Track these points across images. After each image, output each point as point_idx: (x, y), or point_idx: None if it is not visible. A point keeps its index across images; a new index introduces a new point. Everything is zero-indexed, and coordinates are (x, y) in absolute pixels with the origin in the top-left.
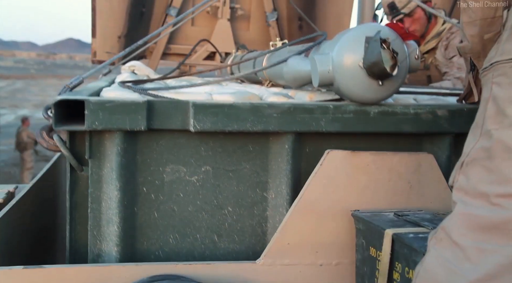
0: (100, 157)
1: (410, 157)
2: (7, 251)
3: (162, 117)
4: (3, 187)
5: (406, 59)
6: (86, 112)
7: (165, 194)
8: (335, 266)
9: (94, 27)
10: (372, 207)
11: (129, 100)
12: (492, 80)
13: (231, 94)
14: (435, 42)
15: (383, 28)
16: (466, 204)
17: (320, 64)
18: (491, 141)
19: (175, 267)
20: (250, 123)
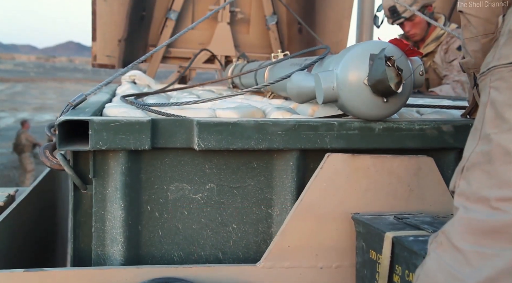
0: (104, 176)
1: (410, 160)
2: (7, 254)
3: (166, 135)
4: (3, 190)
5: (411, 76)
6: (90, 132)
7: (169, 212)
8: (335, 269)
9: (94, 31)
10: (372, 210)
11: (133, 120)
12: (490, 85)
13: (234, 109)
14: (434, 45)
15: (387, 45)
16: (467, 209)
17: (325, 81)
18: (490, 145)
19: (175, 270)
20: (254, 141)
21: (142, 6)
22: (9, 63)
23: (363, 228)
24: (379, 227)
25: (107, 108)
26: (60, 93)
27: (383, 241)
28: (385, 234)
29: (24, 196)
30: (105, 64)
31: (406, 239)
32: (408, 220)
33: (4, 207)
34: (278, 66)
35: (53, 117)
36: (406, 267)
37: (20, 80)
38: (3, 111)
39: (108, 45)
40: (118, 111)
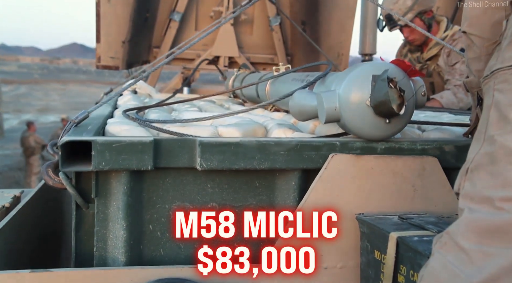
0: (106, 196)
1: (414, 160)
2: (13, 255)
3: (168, 155)
4: (9, 192)
5: (413, 97)
6: (93, 153)
7: (171, 232)
8: (340, 269)
9: (98, 33)
10: (376, 210)
11: (136, 140)
12: (494, 87)
13: (236, 126)
14: (437, 49)
15: (390, 66)
16: (472, 210)
17: (327, 101)
18: (494, 146)
19: (180, 271)
20: (256, 161)
21: (145, 7)
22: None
23: (368, 228)
24: (384, 228)
25: (110, 125)
26: (64, 94)
27: (387, 241)
28: (390, 234)
29: (30, 197)
30: (109, 65)
31: (411, 239)
32: (412, 220)
33: (10, 208)
34: (280, 80)
35: (57, 118)
36: (411, 267)
37: (24, 81)
38: (7, 113)
39: (112, 47)
40: (121, 129)
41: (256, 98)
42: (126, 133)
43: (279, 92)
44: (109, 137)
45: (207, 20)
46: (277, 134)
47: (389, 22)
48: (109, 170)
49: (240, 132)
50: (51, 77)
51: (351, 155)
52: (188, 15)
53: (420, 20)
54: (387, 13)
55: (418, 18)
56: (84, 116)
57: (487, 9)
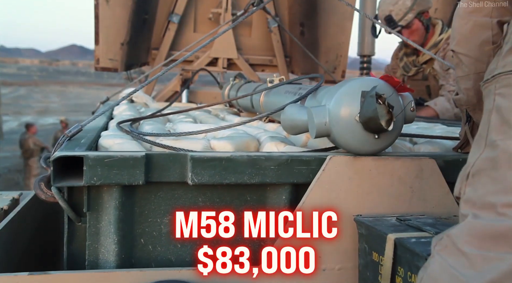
0: (98, 210)
1: (412, 162)
2: (12, 257)
3: (160, 170)
4: (8, 194)
5: (402, 113)
6: (84, 168)
7: (162, 245)
8: (338, 271)
9: (97, 35)
10: (374, 211)
11: (128, 155)
12: (495, 92)
13: (228, 139)
14: (432, 52)
15: (379, 82)
16: (474, 216)
17: (317, 116)
18: (496, 151)
19: (178, 273)
20: (247, 175)
21: (144, 9)
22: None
23: (366, 230)
24: (382, 229)
25: (103, 138)
26: (64, 96)
27: (385, 243)
28: (388, 235)
29: (28, 199)
30: (108, 67)
31: (409, 240)
32: (410, 222)
33: (8, 211)
34: (273, 91)
35: (56, 120)
36: (408, 268)
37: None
38: (6, 115)
39: (111, 49)
40: (114, 142)
41: (251, 109)
42: (119, 147)
43: (273, 103)
44: (101, 152)
45: (206, 22)
46: (269, 148)
47: (389, 24)
48: (100, 185)
49: (233, 146)
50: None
51: (349, 156)
52: (186, 17)
53: (419, 21)
54: (387, 15)
55: (417, 19)
56: (77, 130)
57: (474, 28)
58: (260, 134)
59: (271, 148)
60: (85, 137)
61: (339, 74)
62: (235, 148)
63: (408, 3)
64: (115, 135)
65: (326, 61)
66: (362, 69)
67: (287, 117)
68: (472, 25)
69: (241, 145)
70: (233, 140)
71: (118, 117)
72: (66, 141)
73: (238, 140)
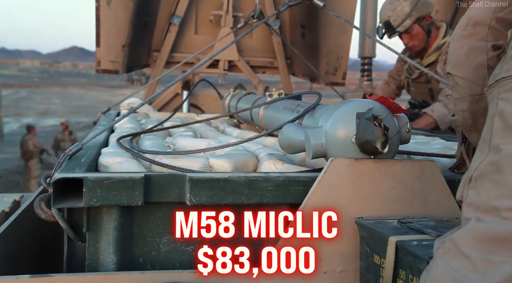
0: (97, 230)
1: (413, 164)
2: (13, 260)
3: (159, 191)
4: (9, 196)
5: (398, 134)
6: (84, 189)
7: (161, 264)
8: (340, 273)
9: (98, 37)
10: (375, 214)
11: (127, 177)
12: (498, 96)
13: (227, 158)
14: (435, 55)
15: (374, 104)
16: (477, 219)
17: (314, 138)
18: (499, 155)
19: (180, 275)
20: (245, 196)
21: (145, 11)
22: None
23: (367, 232)
24: (383, 232)
25: (103, 156)
26: (64, 98)
27: (387, 245)
28: (389, 238)
29: (30, 202)
30: (109, 69)
31: (410, 243)
32: (411, 225)
33: (9, 213)
34: (272, 106)
35: (57, 122)
36: (410, 271)
37: (24, 85)
38: (7, 117)
39: (112, 51)
40: (113, 161)
41: (250, 121)
42: (118, 166)
43: (271, 118)
44: (100, 174)
45: (207, 24)
46: (267, 166)
47: (388, 29)
48: (100, 206)
49: (231, 165)
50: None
51: (350, 159)
52: (187, 18)
53: (419, 26)
54: (386, 21)
55: (417, 24)
56: (78, 148)
57: (469, 52)
58: (259, 150)
59: (269, 166)
60: (85, 155)
61: (340, 76)
62: (233, 166)
63: (407, 9)
64: (115, 152)
65: (327, 63)
66: (363, 71)
67: (285, 137)
68: (468, 49)
69: (240, 163)
70: (231, 158)
71: (118, 129)
72: (66, 160)
73: (237, 159)
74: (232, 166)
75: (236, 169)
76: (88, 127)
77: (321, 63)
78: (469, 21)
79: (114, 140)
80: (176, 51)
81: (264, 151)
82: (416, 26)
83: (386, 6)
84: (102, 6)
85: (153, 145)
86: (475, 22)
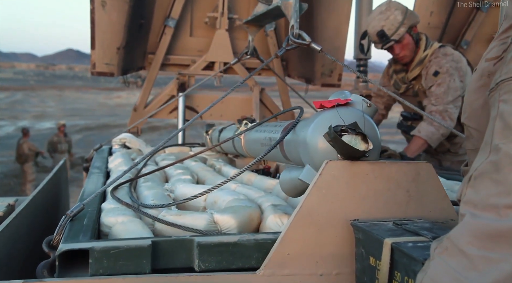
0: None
1: (409, 166)
2: (7, 264)
3: (166, 257)
4: (3, 200)
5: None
6: (90, 260)
7: None
8: (335, 276)
9: (93, 39)
10: (371, 216)
11: (134, 245)
12: (499, 99)
13: (232, 213)
14: (418, 69)
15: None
16: (475, 216)
17: (307, 179)
18: (499, 154)
19: (175, 279)
20: (254, 259)
21: (140, 14)
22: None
23: (362, 234)
24: (378, 234)
25: (105, 214)
26: (60, 100)
27: (382, 247)
28: (384, 240)
29: (24, 206)
30: (104, 72)
31: (405, 245)
32: (407, 226)
33: (3, 217)
34: (252, 132)
35: (53, 125)
36: (405, 273)
37: (20, 88)
38: (3, 120)
39: (107, 53)
40: (116, 221)
41: (235, 152)
42: (122, 227)
43: (253, 143)
44: (106, 243)
45: (202, 26)
46: (272, 221)
47: (382, 39)
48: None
49: (236, 220)
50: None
51: (345, 161)
52: (182, 21)
53: (409, 35)
54: (379, 30)
55: (408, 34)
56: (79, 209)
57: (486, 104)
58: (261, 199)
59: (274, 221)
60: (86, 215)
61: (336, 77)
62: (238, 223)
63: (399, 17)
64: (117, 209)
65: (323, 65)
66: (359, 72)
67: (284, 186)
68: (484, 101)
69: (245, 218)
70: (236, 213)
71: (114, 173)
72: (68, 222)
73: (241, 213)
74: (237, 222)
75: (242, 224)
76: (84, 130)
77: (317, 65)
78: (483, 72)
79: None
80: (172, 53)
81: (267, 200)
82: (407, 35)
83: (376, 17)
84: (97, 8)
85: (154, 196)
86: (489, 72)
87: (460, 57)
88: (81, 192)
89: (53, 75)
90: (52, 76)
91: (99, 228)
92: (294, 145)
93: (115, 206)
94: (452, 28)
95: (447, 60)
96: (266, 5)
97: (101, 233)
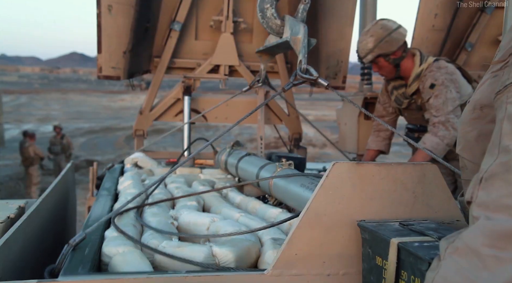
0: None
1: (415, 167)
2: (20, 265)
3: None
4: (13, 202)
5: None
6: None
7: None
8: (342, 276)
9: (99, 43)
10: (377, 217)
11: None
12: (507, 101)
13: (230, 247)
14: (416, 84)
15: None
16: (487, 217)
17: None
18: (509, 155)
19: (184, 279)
20: None
21: (146, 17)
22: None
23: (369, 235)
24: (385, 234)
25: (107, 243)
26: (65, 104)
27: (389, 247)
28: (391, 240)
29: (34, 208)
30: (111, 75)
31: (412, 245)
32: (413, 227)
33: (15, 219)
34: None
35: None
36: (412, 272)
37: (24, 91)
38: (8, 123)
39: (114, 57)
40: (117, 251)
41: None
42: (121, 258)
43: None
44: (103, 277)
45: (207, 30)
46: (271, 257)
47: (359, 58)
48: None
49: (235, 254)
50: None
51: (352, 162)
52: (188, 24)
53: (385, 60)
54: (356, 50)
55: (382, 58)
56: (81, 238)
57: (479, 136)
58: (264, 235)
59: (273, 256)
60: (89, 244)
61: (340, 79)
62: (237, 256)
63: (370, 45)
64: (118, 239)
65: (327, 67)
66: (363, 74)
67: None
68: (478, 134)
69: (243, 252)
70: (234, 247)
71: (122, 196)
72: (70, 251)
73: (240, 247)
74: (235, 256)
75: (240, 258)
76: (88, 133)
77: (321, 67)
78: (476, 104)
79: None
80: (177, 56)
81: (267, 234)
82: (381, 59)
83: (359, 37)
84: (104, 13)
85: (158, 223)
86: (482, 104)
87: (454, 70)
88: (86, 219)
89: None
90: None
91: (100, 258)
92: None
93: (118, 235)
94: (456, 30)
95: (441, 72)
96: (277, 37)
97: (101, 263)
